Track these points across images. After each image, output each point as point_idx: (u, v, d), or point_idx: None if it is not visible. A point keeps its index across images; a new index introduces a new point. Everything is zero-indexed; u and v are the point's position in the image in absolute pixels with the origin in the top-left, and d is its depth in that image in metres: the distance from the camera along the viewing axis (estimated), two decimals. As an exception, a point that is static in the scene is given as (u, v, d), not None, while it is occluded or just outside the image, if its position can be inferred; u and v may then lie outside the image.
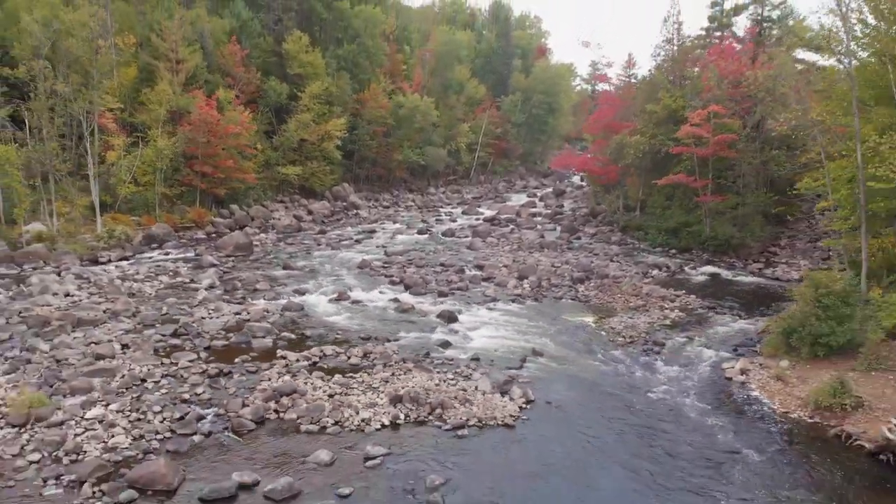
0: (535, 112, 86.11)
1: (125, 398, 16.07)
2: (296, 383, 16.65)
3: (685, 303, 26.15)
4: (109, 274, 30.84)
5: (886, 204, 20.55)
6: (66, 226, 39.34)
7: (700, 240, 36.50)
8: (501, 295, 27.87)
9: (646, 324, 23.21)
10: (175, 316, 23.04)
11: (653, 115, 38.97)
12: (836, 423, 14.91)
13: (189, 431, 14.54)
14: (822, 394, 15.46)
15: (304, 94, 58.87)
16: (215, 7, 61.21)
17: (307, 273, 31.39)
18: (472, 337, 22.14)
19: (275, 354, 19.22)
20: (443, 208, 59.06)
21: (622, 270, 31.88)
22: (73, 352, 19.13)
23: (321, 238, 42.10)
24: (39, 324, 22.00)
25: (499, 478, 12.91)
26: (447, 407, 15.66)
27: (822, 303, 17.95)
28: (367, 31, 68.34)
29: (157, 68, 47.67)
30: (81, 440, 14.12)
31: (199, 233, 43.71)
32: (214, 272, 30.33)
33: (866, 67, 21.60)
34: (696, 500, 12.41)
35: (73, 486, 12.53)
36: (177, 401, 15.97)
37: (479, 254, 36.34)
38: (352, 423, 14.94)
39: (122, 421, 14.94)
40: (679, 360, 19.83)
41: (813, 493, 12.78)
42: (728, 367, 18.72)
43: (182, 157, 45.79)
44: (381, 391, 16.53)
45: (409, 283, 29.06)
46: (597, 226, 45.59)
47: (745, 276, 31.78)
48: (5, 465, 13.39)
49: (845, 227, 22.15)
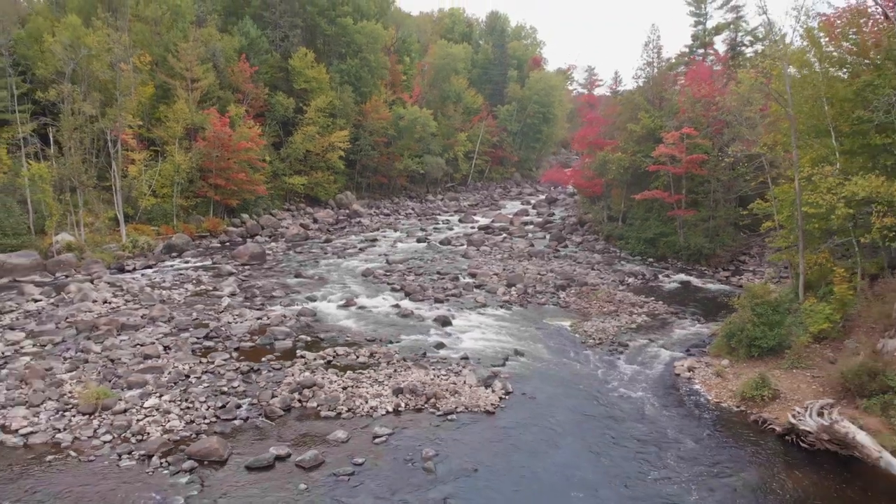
0: (530, 121, 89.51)
1: (174, 390, 19.48)
2: (315, 378, 20.04)
3: (652, 309, 29.53)
4: (139, 282, 34.23)
5: (820, 225, 23.84)
6: (91, 236, 42.76)
7: (675, 249, 39.90)
8: (491, 301, 31.25)
9: (615, 327, 26.60)
10: (205, 321, 26.45)
11: (633, 134, 42.35)
12: (756, 410, 18.28)
13: (230, 417, 17.94)
14: (747, 387, 18.84)
15: (310, 107, 62.34)
16: (225, 25, 64.48)
17: (317, 281, 34.77)
18: (463, 339, 25.52)
19: (295, 354, 22.64)
20: (440, 216, 62.36)
21: (601, 278, 35.28)
22: (124, 352, 22.54)
23: (327, 247, 45.44)
24: (88, 328, 25.40)
25: (478, 452, 16.28)
26: (440, 397, 19.04)
27: (756, 311, 21.33)
28: (369, 46, 71.62)
29: (173, 87, 51.03)
30: (144, 424, 17.51)
31: (213, 241, 47.14)
32: (234, 280, 33.74)
33: (806, 104, 24.94)
34: (636, 470, 15.74)
35: (144, 459, 15.90)
36: (217, 392, 19.37)
37: (472, 262, 39.71)
38: (362, 410, 18.34)
39: (175, 409, 18.33)
40: (638, 359, 23.23)
41: (730, 466, 16.11)
42: (678, 366, 22.11)
43: (197, 170, 49.19)
44: (386, 384, 19.92)
45: (408, 291, 32.44)
46: (583, 234, 48.98)
47: (713, 284, 35.16)
48: (83, 445, 16.78)
49: (786, 244, 25.52)
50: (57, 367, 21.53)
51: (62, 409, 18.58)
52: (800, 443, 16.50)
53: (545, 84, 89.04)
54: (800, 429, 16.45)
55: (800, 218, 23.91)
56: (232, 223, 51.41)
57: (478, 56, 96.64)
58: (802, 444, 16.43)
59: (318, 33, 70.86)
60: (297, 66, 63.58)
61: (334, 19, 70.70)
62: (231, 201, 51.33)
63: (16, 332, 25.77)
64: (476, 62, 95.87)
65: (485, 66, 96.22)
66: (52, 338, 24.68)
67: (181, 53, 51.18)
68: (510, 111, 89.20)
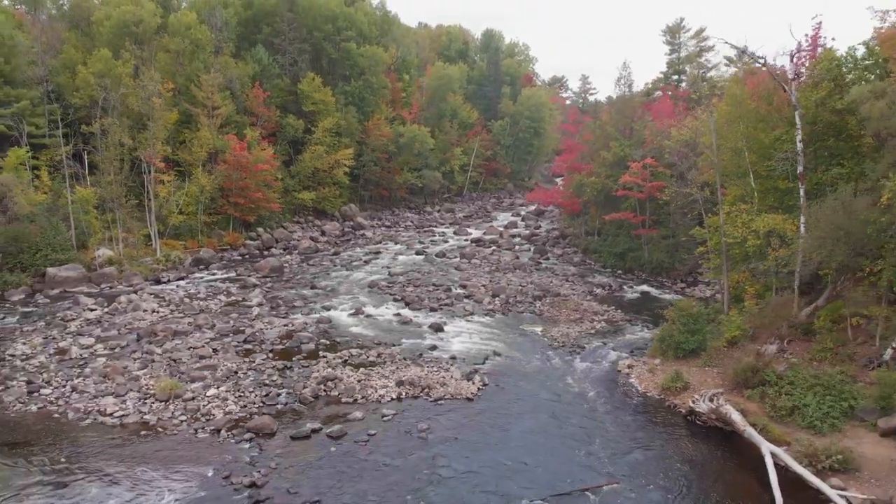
0: (522, 135, 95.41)
1: (228, 383, 25.27)
2: (335, 373, 25.84)
3: (611, 316, 35.35)
4: (177, 293, 40.01)
5: (739, 251, 29.64)
6: (128, 251, 48.59)
7: (640, 263, 45.72)
8: (478, 310, 37.05)
9: (577, 332, 32.41)
10: (241, 327, 32.25)
11: (605, 161, 48.13)
12: (670, 398, 24.07)
13: (273, 403, 23.73)
14: (666, 380, 24.63)
15: (318, 128, 68.20)
16: (238, 51, 70.21)
17: (329, 292, 40.58)
18: (453, 342, 31.30)
19: (318, 354, 28.45)
20: (437, 228, 68.15)
21: (572, 289, 41.10)
22: (182, 354, 28.33)
23: (336, 259, 51.24)
24: (148, 334, 31.19)
25: (459, 427, 22.05)
26: (432, 387, 24.82)
27: (681, 321, 27.11)
28: (371, 69, 77.50)
29: (195, 114, 56.78)
30: (209, 408, 23.29)
31: (234, 254, 52.95)
32: (259, 292, 39.53)
33: (729, 154, 30.73)
34: (574, 440, 21.47)
35: (214, 432, 21.65)
36: (261, 384, 25.17)
37: (464, 274, 45.49)
38: (373, 397, 24.13)
39: (231, 397, 24.12)
40: (591, 358, 29.03)
41: (644, 438, 21.83)
42: (621, 364, 27.91)
43: (219, 190, 54.96)
44: (391, 378, 25.72)
45: (408, 301, 38.24)
46: (564, 247, 54.80)
47: (669, 294, 40.96)
48: (166, 423, 22.53)
49: (715, 265, 31.32)
50: (130, 365, 27.32)
51: (143, 398, 24.36)
52: (697, 421, 22.28)
53: (536, 101, 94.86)
54: (697, 411, 22.22)
55: (724, 245, 29.73)
56: (249, 237, 57.24)
57: (473, 73, 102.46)
58: (698, 423, 22.21)
59: (324, 57, 76.68)
60: (305, 90, 69.40)
61: (339, 44, 76.45)
62: (248, 217, 57.15)
63: (85, 337, 31.56)
64: (471, 78, 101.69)
65: (480, 82, 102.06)
66: (118, 342, 30.49)
67: (203, 84, 56.92)
68: (503, 126, 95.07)
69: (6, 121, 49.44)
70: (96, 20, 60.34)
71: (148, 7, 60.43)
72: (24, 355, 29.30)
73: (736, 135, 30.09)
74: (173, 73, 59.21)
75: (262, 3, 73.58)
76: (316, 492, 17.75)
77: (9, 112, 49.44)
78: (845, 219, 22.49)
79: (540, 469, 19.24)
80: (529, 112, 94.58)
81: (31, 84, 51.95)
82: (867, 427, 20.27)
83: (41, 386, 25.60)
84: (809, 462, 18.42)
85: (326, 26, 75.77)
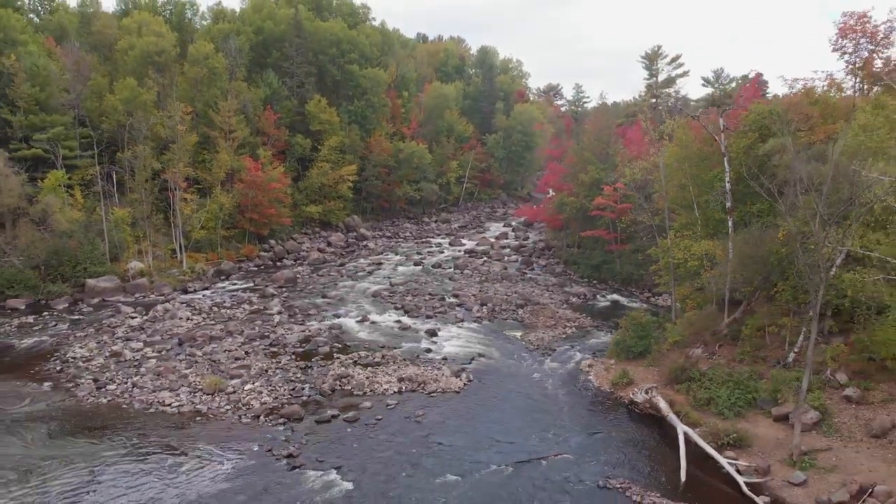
0: (515, 148, 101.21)
1: (261, 380, 31.05)
2: (348, 371, 31.63)
3: (581, 323, 41.17)
4: (205, 302, 45.75)
5: (683, 270, 35.41)
6: (156, 263, 54.33)
7: (613, 274, 51.53)
8: (468, 317, 42.82)
9: (550, 337, 38.21)
10: (266, 333, 38.03)
11: (583, 182, 53.89)
12: (618, 391, 29.85)
13: (299, 395, 29.50)
14: (615, 377, 30.43)
15: (324, 146, 73.98)
16: (249, 75, 75.95)
17: (338, 301, 46.36)
18: (445, 346, 37.07)
19: (332, 356, 34.24)
20: (434, 239, 73.93)
21: (551, 298, 46.91)
22: (220, 356, 34.11)
23: (342, 270, 57.02)
24: (188, 339, 36.95)
25: (449, 413, 27.84)
26: (427, 383, 30.60)
27: (632, 328, 32.90)
28: (373, 89, 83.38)
29: (213, 137, 62.52)
30: (248, 399, 29.06)
31: (250, 265, 58.72)
32: (278, 301, 45.30)
33: (675, 188, 36.51)
34: (539, 424, 27.22)
35: (254, 418, 27.42)
36: (288, 381, 30.96)
37: (456, 284, 51.27)
38: (379, 390, 29.92)
39: (265, 391, 29.89)
40: (560, 359, 34.83)
41: (594, 422, 27.61)
42: (583, 364, 33.71)
43: (236, 207, 60.70)
44: (393, 375, 31.50)
45: (407, 309, 44.02)
46: (548, 258, 60.62)
47: (636, 303, 46.74)
48: (215, 412, 28.30)
49: (664, 281, 37.11)
50: (178, 365, 33.11)
51: (193, 392, 30.13)
52: (635, 410, 28.08)
53: (528, 116, 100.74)
54: (635, 401, 28.03)
55: (672, 264, 35.53)
56: (263, 248, 63.04)
57: (469, 88, 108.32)
58: (637, 411, 28.01)
59: (329, 78, 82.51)
60: (312, 111, 75.25)
61: (342, 66, 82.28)
62: (262, 231, 62.98)
63: (134, 342, 37.32)
64: (467, 94, 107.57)
65: (475, 97, 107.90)
66: (163, 346, 36.27)
67: (221, 110, 62.67)
68: (497, 139, 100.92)
69: (43, 145, 55.22)
70: (120, 49, 66.08)
71: (169, 37, 66.25)
72: (83, 357, 35.08)
73: (682, 172, 35.91)
74: (192, 99, 64.95)
75: (271, 30, 79.44)
76: (337, 460, 23.54)
77: (45, 137, 55.21)
78: (756, 249, 28.30)
79: (508, 444, 25.05)
80: (522, 126, 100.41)
81: (64, 110, 57.53)
82: (764, 414, 26.08)
83: (106, 383, 31.40)
84: (713, 440, 24.20)
85: (331, 50, 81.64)
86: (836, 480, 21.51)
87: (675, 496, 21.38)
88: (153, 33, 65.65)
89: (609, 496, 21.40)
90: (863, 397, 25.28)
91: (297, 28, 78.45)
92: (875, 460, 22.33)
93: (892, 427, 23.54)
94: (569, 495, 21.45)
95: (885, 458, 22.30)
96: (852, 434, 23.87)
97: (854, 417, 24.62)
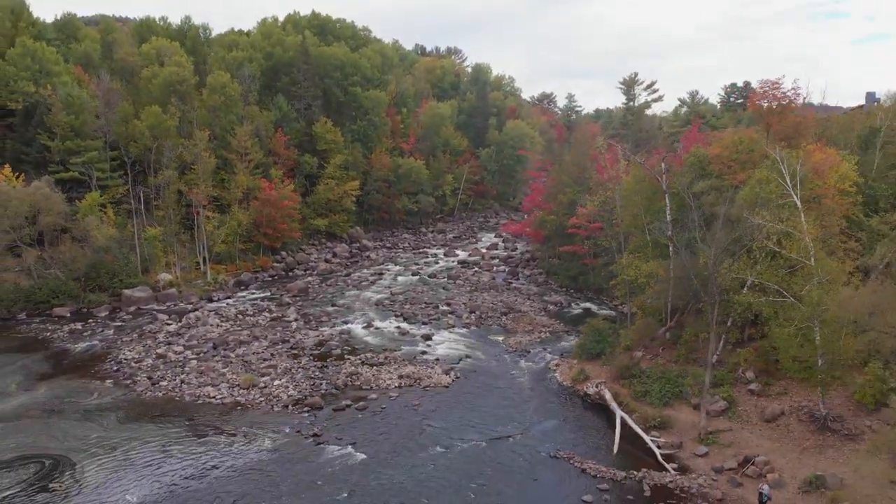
0: (507, 162, 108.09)
1: (286, 377, 38.00)
2: (357, 370, 38.60)
3: (555, 329, 48.13)
4: (230, 310, 52.67)
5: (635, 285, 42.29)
6: (183, 274, 61.23)
7: (587, 284, 58.47)
8: (458, 323, 49.73)
9: (527, 341, 45.16)
10: (286, 338, 44.97)
11: (562, 202, 60.80)
12: (576, 386, 36.83)
13: (318, 389, 36.46)
14: (575, 375, 37.42)
15: (330, 164, 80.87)
16: (261, 98, 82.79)
17: (346, 309, 53.30)
18: (438, 348, 44.00)
19: (343, 357, 41.22)
20: (430, 249, 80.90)
21: (531, 306, 53.87)
22: (250, 357, 41.03)
23: (348, 280, 63.94)
24: (221, 343, 43.87)
25: (440, 402, 34.83)
26: (422, 379, 37.57)
27: (591, 334, 39.87)
28: (374, 110, 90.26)
29: (231, 159, 69.38)
30: (277, 392, 36.00)
31: (265, 275, 65.62)
32: (294, 309, 52.23)
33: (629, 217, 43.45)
34: (509, 410, 34.16)
35: (284, 407, 34.39)
36: (308, 377, 37.92)
37: (449, 294, 58.24)
38: (383, 385, 36.89)
39: (290, 386, 36.84)
40: (533, 359, 41.79)
41: (555, 410, 34.57)
42: (552, 363, 40.67)
43: (252, 223, 67.59)
44: (394, 373, 38.46)
45: (406, 316, 50.95)
46: (532, 269, 67.59)
47: (605, 310, 53.68)
48: (251, 402, 35.27)
49: (620, 293, 44.06)
50: (216, 365, 40.01)
51: (231, 387, 37.05)
52: (588, 400, 35.05)
53: (519, 132, 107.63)
54: (588, 393, 35.00)
55: (627, 281, 42.47)
56: (275, 260, 69.92)
57: (464, 104, 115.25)
58: (588, 401, 34.98)
59: (333, 99, 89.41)
60: (319, 132, 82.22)
61: (346, 88, 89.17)
62: (275, 244, 69.88)
63: (174, 346, 44.21)
64: (462, 109, 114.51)
65: (470, 112, 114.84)
66: (200, 349, 43.18)
67: (238, 135, 69.53)
68: (490, 153, 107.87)
69: (79, 168, 62.07)
70: (144, 77, 72.78)
71: (189, 68, 73.05)
72: (134, 359, 41.98)
73: (635, 203, 42.88)
74: (210, 124, 71.82)
75: (280, 56, 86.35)
76: (352, 438, 30.51)
77: (81, 160, 62.08)
78: (685, 271, 35.26)
79: (484, 426, 32.04)
80: (513, 141, 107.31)
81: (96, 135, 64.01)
82: (687, 404, 33.04)
83: (159, 380, 38.32)
84: (643, 423, 31.20)
85: (335, 73, 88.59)
86: (730, 453, 28.54)
87: (608, 463, 28.36)
88: (174, 63, 72.40)
89: (557, 463, 28.39)
90: (763, 391, 32.27)
91: (304, 54, 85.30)
92: (763, 439, 29.33)
93: (781, 414, 30.53)
94: (527, 462, 28.44)
95: (771, 437, 29.31)
96: (750, 419, 30.87)
97: (754, 406, 31.61)
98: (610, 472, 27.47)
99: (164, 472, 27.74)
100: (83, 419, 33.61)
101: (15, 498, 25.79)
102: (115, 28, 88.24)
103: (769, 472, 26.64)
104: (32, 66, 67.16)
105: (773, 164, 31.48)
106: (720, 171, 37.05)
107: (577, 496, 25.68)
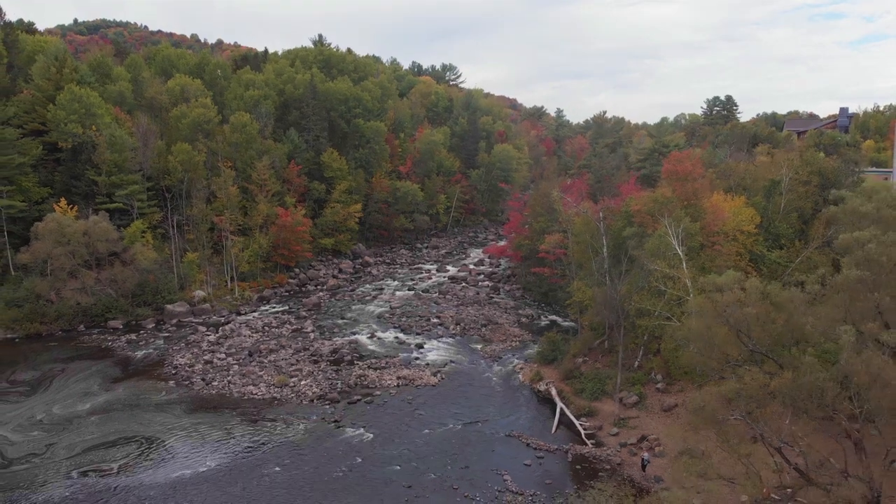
0: (495, 182, 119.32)
1: (310, 378, 49.21)
2: (364, 372, 49.83)
3: (524, 338, 59.34)
4: (257, 323, 63.87)
5: (584, 304, 53.44)
6: (214, 291, 72.37)
7: (556, 299, 69.64)
8: (445, 334, 60.95)
9: (500, 348, 56.37)
10: (306, 346, 56.15)
11: (534, 229, 71.98)
12: (533, 385, 48.03)
13: (335, 387, 47.66)
14: (533, 376, 48.66)
15: (336, 190, 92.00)
16: (275, 130, 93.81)
17: (352, 321, 64.52)
18: (428, 355, 55.18)
19: (353, 362, 52.44)
20: (424, 265, 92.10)
21: (506, 319, 65.08)
22: (280, 363, 52.18)
23: (353, 295, 75.16)
24: (255, 351, 55.03)
25: (429, 398, 46.04)
26: (415, 379, 48.80)
27: (547, 343, 51.09)
28: (375, 138, 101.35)
29: (252, 190, 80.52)
30: (304, 390, 47.21)
31: (282, 290, 76.76)
32: (310, 322, 63.41)
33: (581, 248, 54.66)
34: (481, 403, 45.31)
35: (310, 401, 45.61)
36: (327, 378, 49.13)
37: (439, 307, 69.42)
38: (384, 385, 48.10)
39: (313, 385, 48.06)
40: (503, 364, 53.02)
41: (514, 403, 45.74)
42: (517, 367, 51.88)
43: (271, 245, 78.73)
44: (393, 375, 49.65)
45: (403, 328, 62.16)
46: (511, 285, 78.80)
47: (568, 323, 64.82)
48: (285, 398, 46.52)
49: (573, 311, 55.29)
50: (254, 369, 51.15)
51: (268, 386, 48.21)
52: (540, 395, 46.27)
53: (506, 154, 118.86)
54: (540, 390, 46.22)
55: (577, 302, 53.70)
56: (290, 276, 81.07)
57: (456, 128, 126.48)
58: (540, 396, 46.20)
59: (338, 130, 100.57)
60: (326, 161, 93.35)
61: (350, 120, 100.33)
62: (290, 262, 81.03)
63: (217, 353, 55.34)
64: (454, 132, 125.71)
65: (461, 135, 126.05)
66: (239, 356, 54.33)
67: (258, 169, 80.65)
68: (479, 174, 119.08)
69: (123, 199, 73.11)
70: (173, 117, 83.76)
71: (213, 108, 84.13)
72: (187, 364, 53.08)
73: (584, 240, 54.11)
74: (233, 157, 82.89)
75: (291, 92, 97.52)
76: (363, 423, 41.70)
77: (124, 193, 73.11)
78: (607, 298, 46.46)
79: (462, 414, 43.28)
80: (501, 163, 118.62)
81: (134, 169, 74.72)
82: (612, 398, 44.25)
83: (210, 381, 49.44)
84: (576, 412, 42.42)
85: (340, 107, 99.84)
86: (633, 434, 39.80)
87: (548, 440, 39.57)
88: (201, 105, 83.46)
89: (511, 440, 39.65)
90: (666, 388, 43.54)
91: (312, 90, 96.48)
92: (659, 424, 40.59)
93: (675, 405, 41.78)
94: (489, 439, 39.68)
95: (664, 422, 40.56)
96: (653, 409, 42.13)
97: (658, 400, 42.87)
98: (547, 445, 38.73)
99: (229, 446, 38.93)
100: (158, 411, 44.75)
101: (130, 463, 36.96)
102: (142, 66, 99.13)
103: (657, 446, 37.90)
104: (79, 109, 78.01)
105: (666, 228, 42.77)
106: (640, 221, 48.28)
107: (520, 461, 36.92)
